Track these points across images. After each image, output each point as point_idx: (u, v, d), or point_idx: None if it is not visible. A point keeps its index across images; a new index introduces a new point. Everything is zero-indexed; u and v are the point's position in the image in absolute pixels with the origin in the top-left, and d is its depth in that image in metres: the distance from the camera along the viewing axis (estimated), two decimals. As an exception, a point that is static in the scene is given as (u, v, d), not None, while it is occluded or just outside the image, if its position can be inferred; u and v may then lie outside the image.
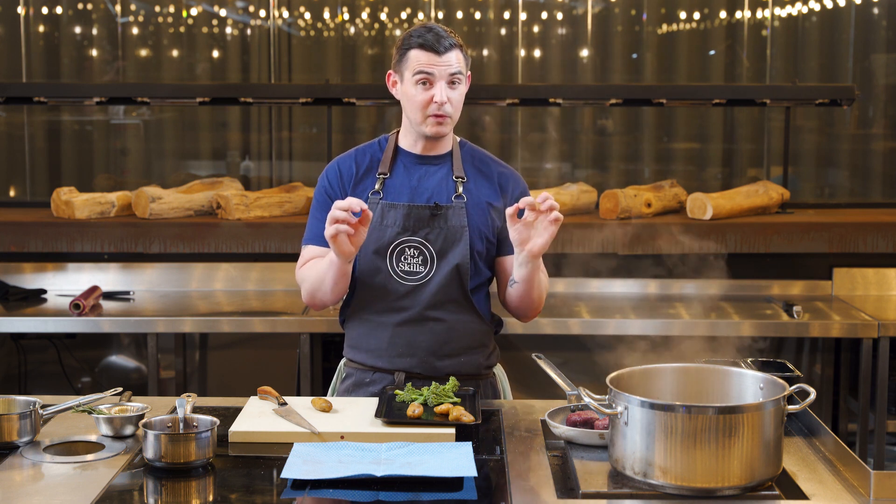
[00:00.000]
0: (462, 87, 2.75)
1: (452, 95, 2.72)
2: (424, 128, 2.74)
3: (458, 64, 2.71)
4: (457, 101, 2.73)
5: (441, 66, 2.68)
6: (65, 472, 2.23)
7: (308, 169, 5.89)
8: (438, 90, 2.69)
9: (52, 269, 4.87)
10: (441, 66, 2.68)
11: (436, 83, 2.69)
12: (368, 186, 2.80)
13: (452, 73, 2.70)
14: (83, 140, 5.99)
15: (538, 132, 5.98)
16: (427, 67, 2.69)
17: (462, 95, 2.75)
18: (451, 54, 2.70)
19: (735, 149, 5.97)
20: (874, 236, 4.82)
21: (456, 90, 2.73)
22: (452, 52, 2.70)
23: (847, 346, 4.89)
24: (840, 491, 2.14)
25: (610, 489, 2.13)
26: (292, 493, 2.11)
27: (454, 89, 2.72)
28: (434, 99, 2.70)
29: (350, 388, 2.87)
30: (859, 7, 5.85)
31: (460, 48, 2.73)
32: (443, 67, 2.69)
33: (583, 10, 5.97)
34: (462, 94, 2.75)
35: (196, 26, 5.98)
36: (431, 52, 2.68)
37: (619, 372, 2.31)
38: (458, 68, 2.71)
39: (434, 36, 2.69)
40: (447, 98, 2.70)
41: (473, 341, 2.83)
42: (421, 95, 2.71)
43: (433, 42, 2.68)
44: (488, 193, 2.81)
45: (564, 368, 2.75)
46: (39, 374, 5.06)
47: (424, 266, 2.76)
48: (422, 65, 2.69)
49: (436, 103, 2.70)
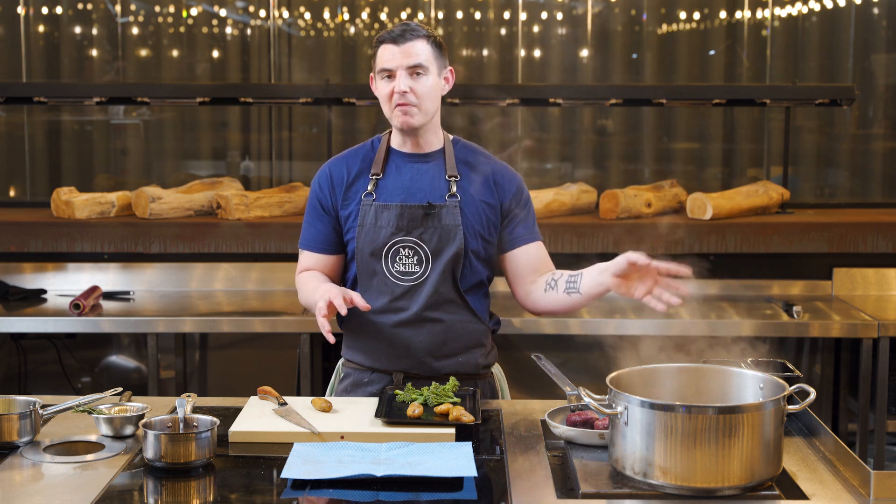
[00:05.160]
0: (427, 77, 2.72)
1: (415, 86, 2.71)
2: (393, 120, 2.76)
3: (422, 55, 2.71)
4: (422, 91, 2.72)
5: (399, 59, 2.70)
6: (65, 472, 2.23)
7: (308, 169, 5.89)
8: (398, 80, 2.70)
9: (52, 269, 4.87)
10: (400, 57, 2.70)
11: (396, 74, 2.70)
12: (361, 188, 2.81)
13: (412, 64, 2.70)
14: (83, 140, 5.99)
15: (538, 132, 5.98)
16: (388, 62, 2.71)
17: (430, 87, 2.73)
18: (413, 44, 2.70)
19: (735, 149, 5.97)
20: (874, 236, 4.82)
21: (419, 81, 2.71)
22: (416, 42, 2.70)
23: (847, 346, 4.88)
24: (840, 491, 2.14)
25: (610, 489, 2.13)
26: (292, 493, 2.11)
27: (417, 80, 2.71)
28: (394, 89, 2.70)
29: (348, 387, 2.87)
30: (859, 7, 5.85)
31: (429, 39, 2.73)
32: (401, 59, 2.69)
33: (583, 10, 5.97)
34: (430, 86, 2.73)
35: (196, 26, 5.98)
36: (392, 44, 2.70)
37: (619, 372, 2.31)
38: (418, 60, 2.70)
39: (399, 29, 2.72)
40: (408, 87, 2.70)
41: (471, 341, 2.83)
42: (385, 88, 2.73)
43: (396, 35, 2.71)
44: (482, 191, 2.80)
45: (564, 368, 2.75)
46: (39, 374, 5.06)
47: (420, 266, 2.76)
48: (384, 60, 2.71)
49: (397, 93, 2.70)
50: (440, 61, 2.76)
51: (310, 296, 2.74)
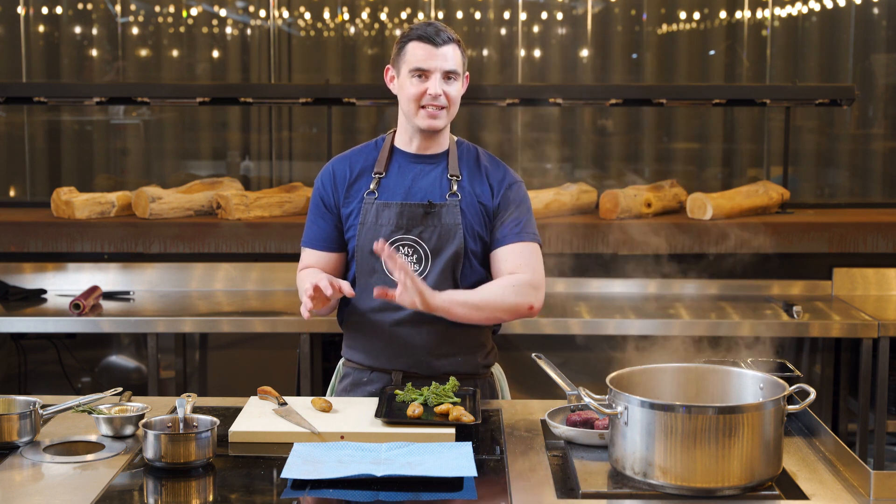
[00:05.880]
0: (458, 83, 2.74)
1: (448, 90, 2.72)
2: (418, 120, 2.74)
3: (455, 60, 2.72)
4: (453, 97, 2.73)
5: (437, 60, 2.69)
6: (65, 472, 2.23)
7: (308, 169, 5.90)
8: (433, 83, 2.70)
9: (52, 269, 4.87)
10: (437, 59, 2.69)
11: (431, 76, 2.70)
12: (363, 187, 2.81)
13: (448, 69, 2.70)
14: (83, 140, 5.99)
15: (538, 132, 5.98)
16: (423, 62, 2.69)
17: (458, 92, 2.75)
18: (448, 49, 2.70)
19: (735, 149, 5.97)
20: (874, 236, 4.82)
21: (451, 86, 2.72)
22: (450, 46, 2.71)
23: (847, 346, 4.88)
24: (840, 491, 2.14)
25: (610, 489, 2.13)
26: (292, 493, 2.11)
27: (450, 84, 2.72)
28: (428, 91, 2.70)
29: (348, 387, 2.87)
30: (859, 7, 5.85)
31: (458, 45, 2.74)
32: (439, 61, 2.69)
33: (583, 10, 5.97)
34: (458, 91, 2.75)
35: (196, 26, 5.98)
36: (429, 44, 2.69)
37: (619, 372, 2.31)
38: (453, 65, 2.71)
39: (433, 29, 2.71)
40: (442, 91, 2.70)
41: (470, 341, 2.83)
42: (416, 87, 2.71)
43: (432, 35, 2.70)
44: (482, 192, 2.80)
45: (564, 368, 2.75)
46: (39, 374, 5.06)
47: (419, 265, 2.76)
48: (418, 59, 2.70)
49: (430, 95, 2.70)
50: (465, 65, 2.78)
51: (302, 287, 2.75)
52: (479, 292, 2.70)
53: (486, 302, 2.69)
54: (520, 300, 2.70)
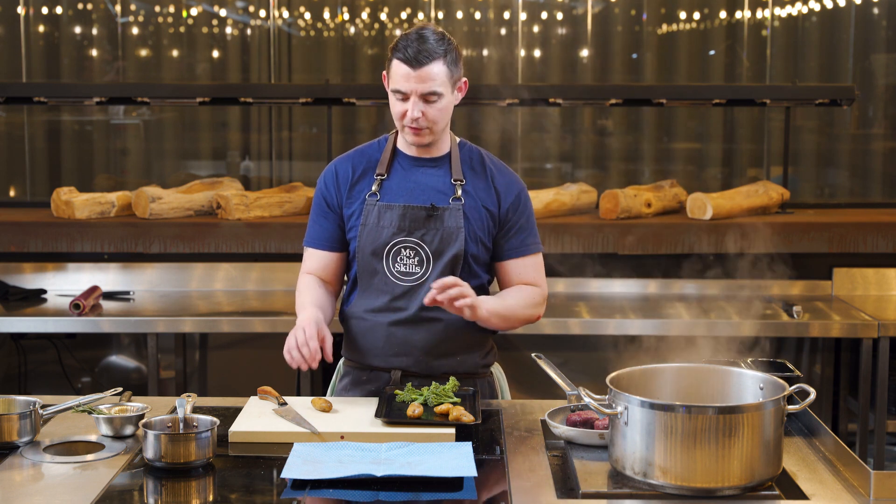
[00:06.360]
0: (440, 102, 2.68)
1: (428, 110, 2.68)
2: (404, 135, 2.76)
3: (438, 79, 2.66)
4: (434, 115, 2.69)
5: (413, 83, 2.65)
6: (65, 472, 2.23)
7: (308, 169, 5.90)
8: (410, 106, 2.67)
9: (52, 269, 4.87)
10: (414, 82, 2.65)
11: (409, 98, 2.68)
12: (365, 188, 2.81)
13: (425, 92, 2.65)
14: (83, 140, 5.99)
15: (538, 132, 5.98)
16: (401, 84, 2.66)
17: (440, 111, 2.70)
18: (429, 69, 2.64)
19: (735, 149, 5.97)
20: (874, 236, 4.82)
21: (432, 106, 2.68)
22: (432, 66, 2.64)
23: (847, 346, 4.88)
24: (840, 491, 2.14)
25: (610, 489, 2.13)
26: (292, 493, 2.11)
27: (430, 105, 2.68)
28: (406, 114, 2.69)
29: (347, 386, 2.88)
30: (859, 7, 5.85)
31: (445, 59, 2.66)
32: (415, 84, 2.65)
33: (583, 10, 5.97)
34: (441, 108, 2.69)
35: (196, 26, 5.98)
36: (408, 66, 2.65)
37: (619, 372, 2.31)
38: (433, 87, 2.65)
39: (414, 50, 2.64)
40: (420, 113, 2.67)
41: (470, 341, 2.83)
42: (397, 107, 2.71)
43: (411, 57, 2.63)
44: (486, 197, 2.80)
45: (564, 368, 2.75)
46: (39, 374, 5.06)
47: (420, 267, 2.76)
48: (397, 80, 2.66)
49: (409, 118, 2.69)
50: (455, 76, 2.71)
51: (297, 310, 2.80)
52: (506, 303, 2.79)
53: (511, 313, 2.79)
54: (533, 312, 2.84)
